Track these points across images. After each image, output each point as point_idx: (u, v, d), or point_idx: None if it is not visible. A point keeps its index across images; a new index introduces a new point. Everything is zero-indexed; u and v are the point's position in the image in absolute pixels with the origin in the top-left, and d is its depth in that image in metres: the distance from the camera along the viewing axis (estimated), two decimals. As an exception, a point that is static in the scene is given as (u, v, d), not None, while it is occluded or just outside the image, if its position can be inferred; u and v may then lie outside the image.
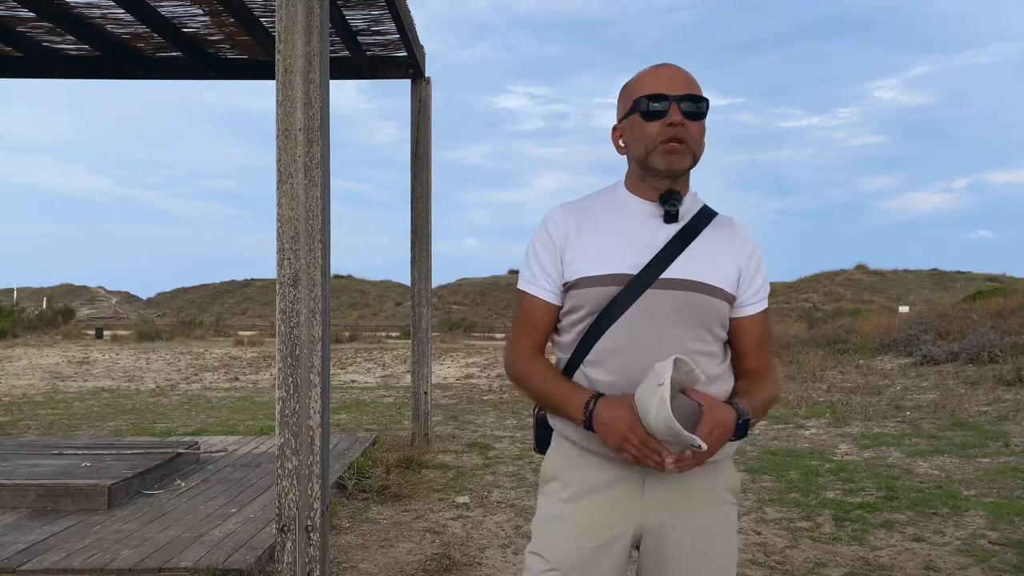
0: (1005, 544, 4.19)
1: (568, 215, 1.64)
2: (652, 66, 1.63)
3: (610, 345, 1.55)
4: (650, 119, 1.56)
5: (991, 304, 14.81)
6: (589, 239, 1.60)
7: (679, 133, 1.55)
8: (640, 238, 1.58)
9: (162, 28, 6.18)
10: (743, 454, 6.56)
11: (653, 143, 1.56)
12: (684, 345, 1.53)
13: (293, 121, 2.92)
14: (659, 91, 1.56)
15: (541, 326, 1.65)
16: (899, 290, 33.41)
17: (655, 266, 1.55)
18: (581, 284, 1.57)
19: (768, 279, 1.68)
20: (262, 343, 21.23)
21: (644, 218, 1.61)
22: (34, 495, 4.53)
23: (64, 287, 47.62)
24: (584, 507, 1.60)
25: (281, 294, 2.94)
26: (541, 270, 1.63)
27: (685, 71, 1.61)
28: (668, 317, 1.54)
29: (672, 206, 1.59)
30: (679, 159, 1.56)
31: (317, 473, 2.94)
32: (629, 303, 1.53)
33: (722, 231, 1.64)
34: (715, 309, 1.58)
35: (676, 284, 1.54)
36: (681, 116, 1.55)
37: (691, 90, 1.58)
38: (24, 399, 10.65)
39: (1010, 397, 8.84)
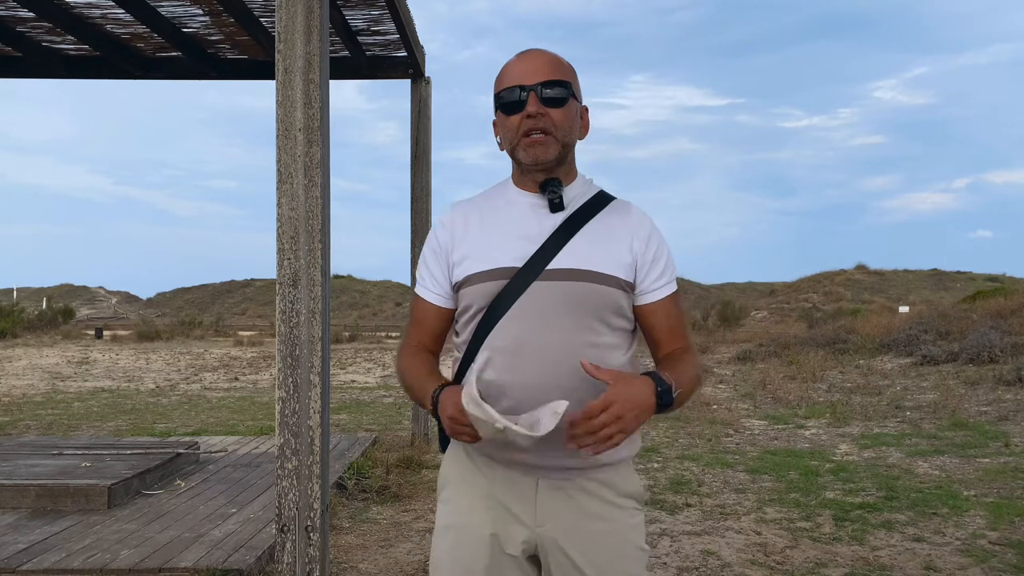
0: (1005, 544, 4.19)
1: (456, 215, 1.61)
2: (515, 55, 1.58)
3: (497, 342, 1.50)
4: (510, 112, 1.53)
5: (991, 304, 14.80)
6: (475, 236, 1.56)
7: (539, 124, 1.50)
8: (525, 230, 1.53)
9: (162, 28, 6.18)
10: (743, 455, 6.56)
11: (516, 137, 1.53)
12: (574, 338, 1.48)
13: (293, 121, 2.92)
14: (516, 82, 1.52)
15: (428, 327, 1.63)
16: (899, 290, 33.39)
17: (541, 257, 1.50)
18: (469, 282, 1.54)
19: (673, 264, 1.60)
20: (262, 343, 21.22)
21: (529, 210, 1.56)
22: (34, 495, 4.53)
23: (64, 287, 47.59)
24: (478, 515, 1.55)
25: (281, 294, 2.94)
26: (428, 274, 1.62)
27: (546, 54, 1.55)
28: (556, 309, 1.48)
29: (553, 194, 1.54)
30: (543, 150, 1.51)
31: (317, 473, 2.93)
32: (515, 297, 1.49)
33: (617, 216, 1.57)
34: (607, 298, 1.51)
35: (563, 274, 1.49)
36: (539, 105, 1.50)
37: (550, 75, 1.51)
38: (24, 399, 10.64)
39: (1010, 397, 8.84)
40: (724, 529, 4.51)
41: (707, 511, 4.87)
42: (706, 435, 7.37)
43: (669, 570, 3.86)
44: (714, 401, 9.61)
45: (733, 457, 6.45)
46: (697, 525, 4.58)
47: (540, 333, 1.48)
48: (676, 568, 3.88)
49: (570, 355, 1.47)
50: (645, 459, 6.30)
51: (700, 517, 4.74)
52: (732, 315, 23.02)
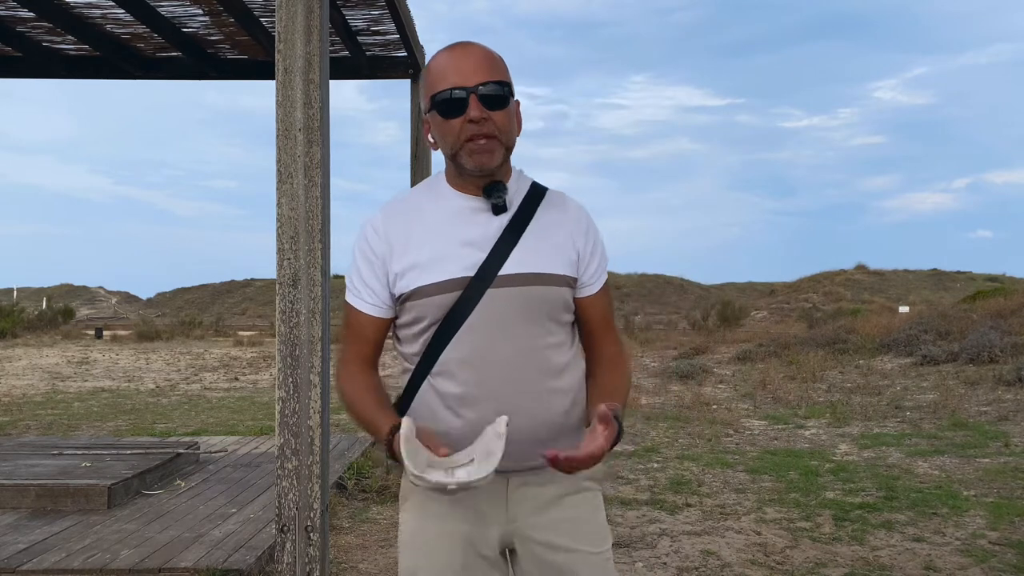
0: (1005, 544, 4.19)
1: (390, 222, 1.53)
2: (445, 49, 1.49)
3: (457, 354, 1.47)
4: (449, 115, 1.44)
5: (991, 304, 14.80)
6: (417, 245, 1.49)
7: (483, 129, 1.43)
8: (472, 236, 1.48)
9: (162, 28, 6.17)
10: (743, 455, 6.56)
11: (458, 142, 1.45)
12: (533, 342, 1.48)
13: (293, 121, 2.92)
14: (454, 83, 1.43)
15: (368, 339, 1.56)
16: (899, 290, 33.39)
17: (491, 264, 1.46)
18: (419, 294, 1.48)
19: (606, 253, 1.59)
20: (262, 343, 21.21)
21: (471, 214, 1.50)
22: (34, 495, 4.53)
23: (64, 287, 47.58)
24: (449, 520, 1.52)
25: (281, 294, 2.94)
26: (364, 284, 1.53)
27: (481, 49, 1.47)
28: (513, 316, 1.47)
29: (498, 198, 1.49)
30: (489, 157, 1.46)
31: (317, 473, 2.93)
32: (471, 307, 1.45)
33: (555, 211, 1.55)
34: (558, 297, 1.51)
35: (516, 280, 1.46)
36: (482, 109, 1.43)
37: (489, 75, 1.44)
38: (24, 399, 10.65)
39: (1010, 397, 8.84)
40: (724, 529, 4.51)
41: (707, 511, 4.87)
42: (706, 435, 7.38)
43: (669, 570, 3.86)
44: (714, 401, 9.62)
45: (733, 457, 6.45)
46: (697, 525, 4.58)
47: (501, 341, 1.47)
48: (676, 568, 3.88)
49: (531, 359, 1.48)
50: (645, 459, 6.30)
51: (700, 517, 4.74)
52: (732, 315, 23.03)
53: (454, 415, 1.48)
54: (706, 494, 5.28)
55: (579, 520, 1.56)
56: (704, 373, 12.05)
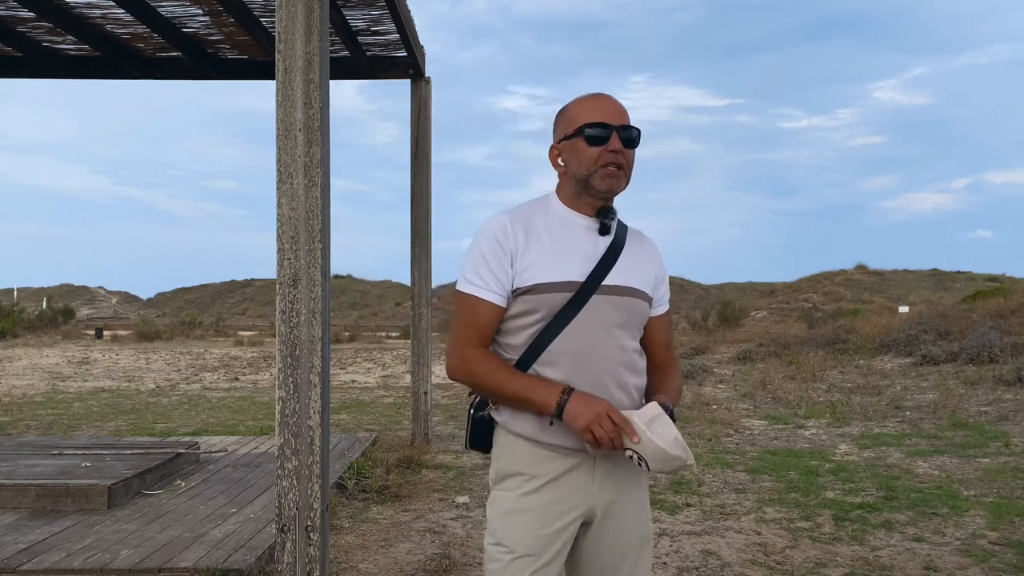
0: (1005, 544, 4.19)
1: (515, 224, 1.76)
2: (591, 95, 1.81)
3: (564, 347, 1.71)
4: (593, 144, 1.74)
5: (991, 304, 14.80)
6: (539, 249, 1.74)
7: (619, 159, 1.74)
8: (584, 249, 1.76)
9: (162, 28, 6.18)
10: (743, 455, 6.56)
11: (594, 166, 1.74)
12: (624, 343, 1.76)
13: (293, 121, 2.92)
14: (602, 120, 1.74)
15: (488, 327, 1.75)
16: (899, 290, 33.38)
17: (598, 274, 1.74)
18: (537, 290, 1.71)
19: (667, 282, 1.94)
20: (262, 343, 21.22)
21: (584, 231, 1.78)
22: (34, 495, 4.53)
23: (64, 287, 47.59)
24: (546, 497, 1.74)
25: (281, 294, 2.94)
26: (491, 275, 1.73)
27: (621, 102, 1.80)
28: (611, 319, 1.74)
29: (608, 220, 1.79)
30: (617, 183, 1.76)
31: (317, 473, 2.94)
32: (579, 307, 1.71)
33: (639, 242, 1.87)
34: (643, 310, 1.81)
35: (616, 290, 1.75)
36: (620, 144, 1.74)
37: (628, 120, 1.77)
38: (24, 399, 10.65)
39: (1010, 397, 8.84)
40: (724, 529, 4.51)
41: (707, 511, 4.88)
42: (706, 435, 7.38)
43: (669, 570, 3.86)
44: (714, 401, 9.61)
45: (733, 457, 6.45)
46: (697, 525, 4.58)
47: (601, 339, 1.73)
48: (676, 568, 3.88)
49: (623, 358, 1.76)
50: (645, 459, 6.30)
51: (700, 517, 4.75)
52: (732, 315, 23.01)
53: None
54: (706, 494, 5.28)
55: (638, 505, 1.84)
56: (704, 373, 12.04)
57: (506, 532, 1.76)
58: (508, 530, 1.76)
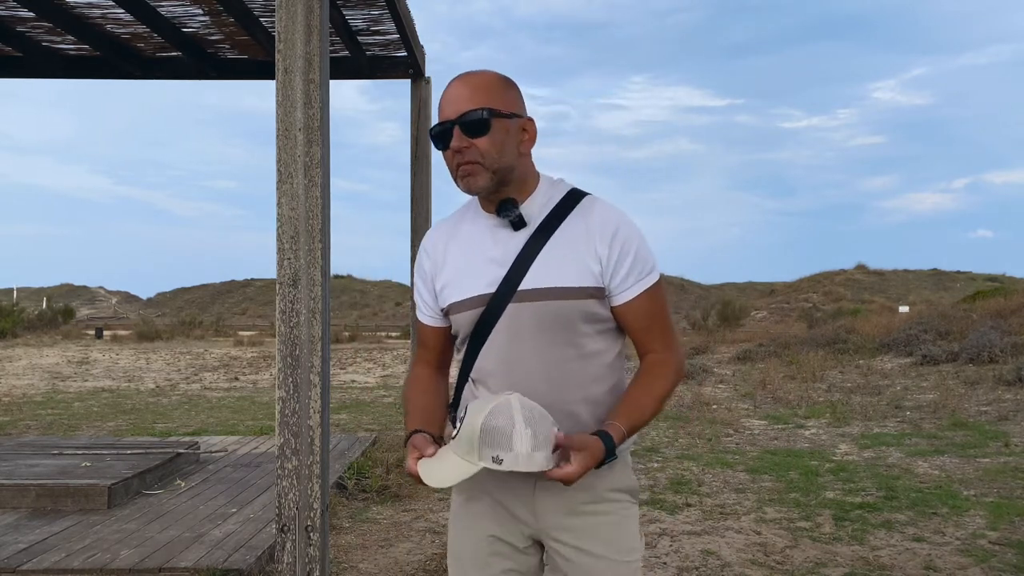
0: (1005, 544, 4.19)
1: (436, 240, 1.68)
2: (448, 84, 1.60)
3: (485, 364, 1.59)
4: (441, 148, 1.56)
5: (991, 304, 14.81)
6: (451, 263, 1.63)
7: (465, 157, 1.52)
8: (495, 254, 1.57)
9: (162, 28, 6.17)
10: (743, 455, 6.56)
11: (453, 171, 1.57)
12: (551, 355, 1.54)
13: (293, 121, 2.92)
14: (441, 119, 1.55)
15: (431, 346, 1.72)
16: (899, 290, 33.38)
17: (511, 280, 1.54)
18: (452, 310, 1.62)
19: (646, 257, 1.57)
20: (262, 343, 21.21)
21: (493, 231, 1.59)
22: (34, 495, 4.53)
23: (64, 287, 47.58)
24: (484, 507, 1.64)
25: (281, 294, 2.94)
26: (420, 299, 1.71)
27: (468, 81, 1.55)
28: (530, 330, 1.54)
29: (508, 214, 1.56)
30: (473, 180, 1.54)
31: (317, 473, 2.93)
32: (493, 322, 1.55)
33: (580, 220, 1.56)
34: (578, 310, 1.53)
35: (532, 295, 1.53)
36: (463, 138, 1.52)
37: (468, 105, 1.51)
38: (24, 399, 10.65)
39: (1010, 397, 8.84)
40: (724, 529, 4.51)
41: (707, 511, 4.87)
42: (706, 435, 7.38)
43: (669, 570, 3.86)
44: (714, 401, 9.61)
45: (733, 457, 6.45)
46: (697, 525, 4.58)
47: (520, 354, 1.55)
48: (676, 568, 3.88)
49: (551, 372, 1.54)
50: (645, 459, 6.30)
51: (700, 517, 4.74)
52: (732, 315, 23.02)
53: None
54: (706, 494, 5.28)
55: (604, 527, 1.60)
56: (704, 373, 12.04)
57: (448, 537, 1.74)
58: (449, 535, 1.74)
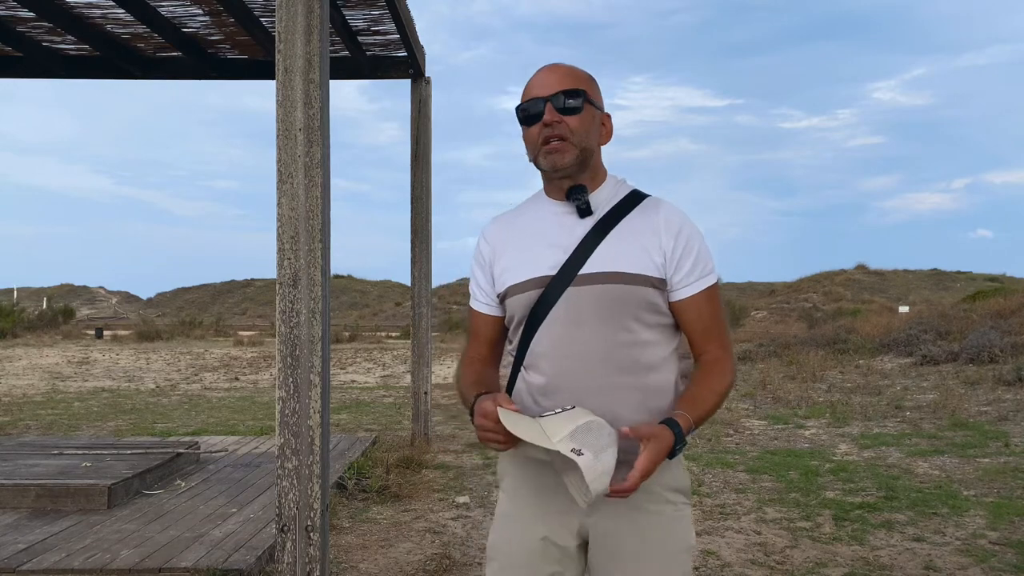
0: (1005, 544, 4.19)
1: (497, 228, 1.71)
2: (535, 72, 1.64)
3: (539, 348, 1.59)
4: (529, 124, 1.59)
5: (991, 304, 14.80)
6: (512, 249, 1.65)
7: (555, 131, 1.56)
8: (556, 239, 1.60)
9: (162, 28, 6.18)
10: (743, 455, 6.56)
11: (536, 147, 1.59)
12: (609, 338, 1.55)
13: (293, 121, 2.92)
14: (534, 95, 1.58)
15: (482, 336, 1.73)
16: (899, 290, 33.37)
17: (573, 263, 1.56)
18: (510, 293, 1.62)
19: (707, 258, 1.61)
20: (262, 343, 21.21)
21: (559, 218, 1.62)
22: (34, 495, 4.53)
23: (64, 287, 47.57)
24: (530, 505, 1.63)
25: (281, 294, 2.94)
26: (476, 286, 1.72)
27: (563, 68, 1.61)
28: (589, 313, 1.55)
29: (578, 199, 1.59)
30: (560, 156, 1.57)
31: (317, 473, 2.94)
32: (551, 304, 1.56)
33: (646, 215, 1.60)
34: (638, 297, 1.55)
35: (593, 278, 1.55)
36: (555, 114, 1.56)
37: (565, 86, 1.57)
38: (24, 399, 10.64)
39: (1010, 397, 8.84)
40: (724, 529, 4.51)
41: (707, 511, 4.87)
42: (706, 435, 7.37)
43: (669, 570, 3.86)
44: (714, 401, 9.60)
45: (733, 457, 6.45)
46: (697, 525, 4.58)
47: (577, 337, 1.55)
48: (676, 568, 3.88)
49: (607, 355, 1.55)
50: (645, 459, 6.30)
51: (700, 517, 4.74)
52: (732, 315, 23.01)
53: (535, 404, 1.59)
54: (706, 494, 5.28)
55: (659, 526, 1.59)
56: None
57: (491, 536, 1.71)
58: (492, 534, 1.71)
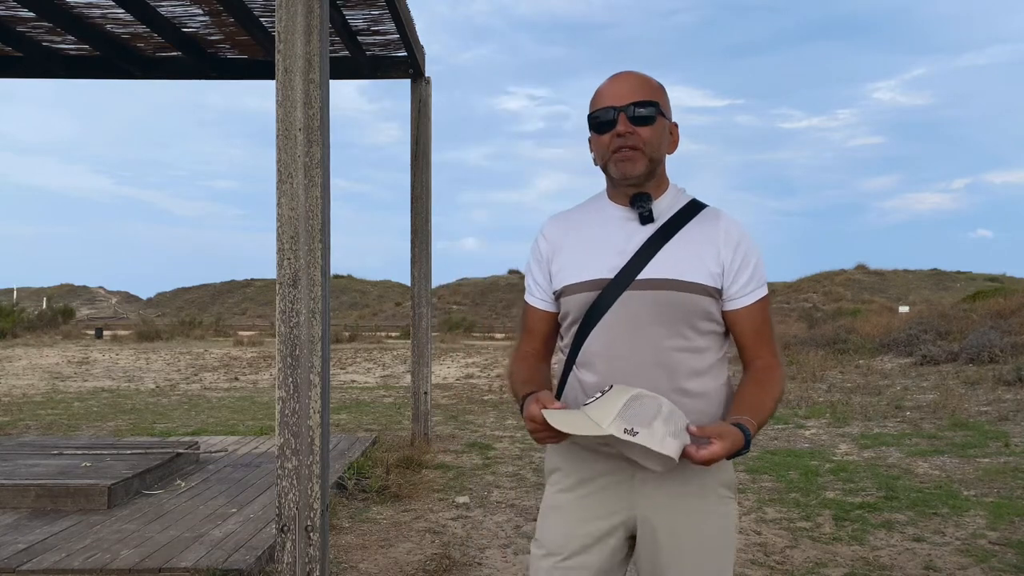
0: (1005, 544, 4.19)
1: (556, 226, 1.74)
2: (607, 79, 1.68)
3: (593, 348, 1.63)
4: (601, 131, 1.64)
5: (991, 304, 14.80)
6: (572, 248, 1.68)
7: (628, 141, 1.60)
8: (617, 242, 1.63)
9: (162, 28, 6.18)
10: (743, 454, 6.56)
11: (607, 154, 1.63)
12: (661, 343, 1.59)
13: (293, 121, 2.92)
14: (607, 104, 1.63)
15: (536, 331, 1.76)
16: (899, 290, 33.40)
17: (631, 268, 1.60)
18: (566, 292, 1.66)
19: (762, 270, 1.66)
20: (262, 343, 21.22)
21: (621, 223, 1.66)
22: (34, 495, 4.53)
23: (64, 287, 47.59)
24: (580, 497, 1.66)
25: (281, 294, 2.94)
26: (533, 281, 1.76)
27: (636, 77, 1.65)
28: (645, 317, 1.59)
29: (642, 207, 1.64)
30: (631, 166, 1.61)
31: (317, 473, 2.94)
32: (608, 306, 1.60)
33: (706, 224, 1.65)
34: (694, 304, 1.59)
35: (651, 284, 1.58)
36: (628, 125, 1.60)
37: (638, 96, 1.62)
38: (24, 399, 10.65)
39: (1010, 397, 8.84)
40: (724, 529, 4.51)
41: (707, 511, 4.87)
42: (706, 435, 7.37)
43: (669, 570, 3.86)
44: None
45: (733, 457, 6.45)
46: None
47: (631, 340, 1.59)
48: (676, 568, 3.88)
49: (659, 360, 1.59)
50: (645, 459, 6.30)
51: (700, 517, 4.74)
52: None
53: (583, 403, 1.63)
54: (706, 494, 5.28)
55: (709, 521, 1.64)
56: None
57: (542, 528, 1.72)
58: (543, 526, 1.72)
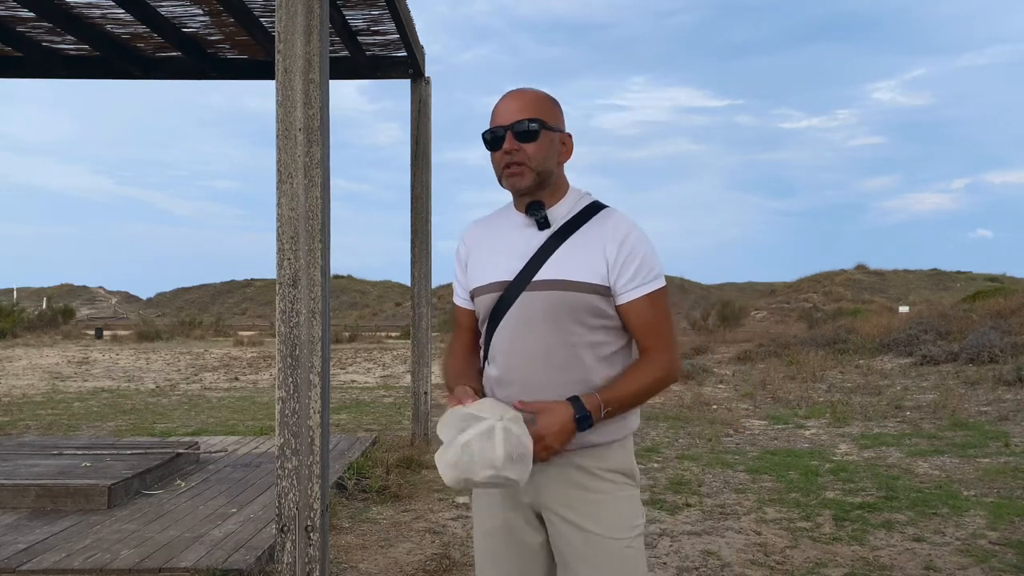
0: (1005, 544, 4.19)
1: (473, 232, 1.90)
2: (500, 98, 1.81)
3: (497, 344, 1.78)
4: (492, 149, 1.78)
5: (991, 304, 14.80)
6: (482, 252, 1.85)
7: (515, 158, 1.74)
8: (518, 247, 1.78)
9: (162, 28, 6.18)
10: (743, 455, 6.56)
11: (499, 170, 1.78)
12: (551, 339, 1.72)
13: (293, 121, 2.92)
14: (497, 123, 1.77)
15: (463, 327, 1.92)
16: (899, 290, 33.38)
17: (528, 271, 1.74)
18: (476, 293, 1.82)
19: (652, 264, 1.75)
20: (262, 343, 21.22)
21: (522, 229, 1.80)
22: (34, 495, 4.53)
23: (64, 287, 47.62)
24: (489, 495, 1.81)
25: (281, 294, 2.94)
26: (457, 283, 1.92)
27: (524, 95, 1.79)
28: (539, 315, 1.73)
29: (535, 214, 1.77)
30: (519, 180, 1.75)
31: (317, 473, 2.94)
32: (508, 306, 1.75)
33: (597, 226, 1.77)
34: (583, 302, 1.71)
35: (545, 285, 1.72)
36: (514, 142, 1.74)
37: (524, 114, 1.74)
38: (24, 399, 10.65)
39: (1010, 397, 8.84)
40: (724, 529, 4.51)
41: (707, 511, 4.87)
42: (706, 435, 7.37)
43: (669, 570, 3.86)
44: (714, 401, 9.61)
45: (733, 457, 6.45)
46: (697, 525, 4.58)
47: (527, 337, 1.74)
48: (676, 568, 3.88)
49: (552, 354, 1.73)
50: (645, 459, 6.30)
51: (700, 517, 4.74)
52: (732, 315, 23.04)
53: (493, 393, 1.79)
54: (706, 494, 5.28)
55: (597, 504, 1.75)
56: (704, 373, 12.04)
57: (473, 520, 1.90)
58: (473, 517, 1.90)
